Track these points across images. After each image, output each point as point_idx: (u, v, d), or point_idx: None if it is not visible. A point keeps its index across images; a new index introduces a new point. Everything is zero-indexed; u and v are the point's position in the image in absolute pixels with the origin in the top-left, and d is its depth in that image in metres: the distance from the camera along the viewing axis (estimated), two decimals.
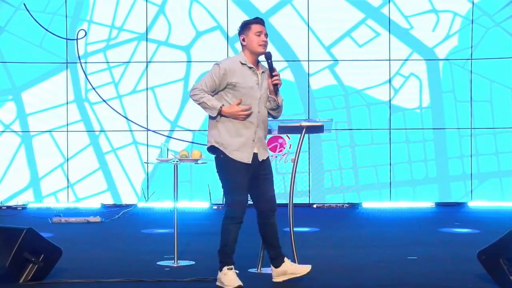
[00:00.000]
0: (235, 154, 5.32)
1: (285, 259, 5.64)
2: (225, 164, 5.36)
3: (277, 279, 5.64)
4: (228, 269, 5.39)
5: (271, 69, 5.44)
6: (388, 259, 6.50)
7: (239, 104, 5.30)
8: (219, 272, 5.45)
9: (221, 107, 5.29)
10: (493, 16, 10.32)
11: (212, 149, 5.42)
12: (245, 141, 5.35)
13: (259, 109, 5.40)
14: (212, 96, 5.35)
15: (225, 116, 5.33)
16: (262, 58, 5.53)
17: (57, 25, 10.41)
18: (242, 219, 5.38)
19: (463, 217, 9.38)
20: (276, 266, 5.63)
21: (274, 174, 10.49)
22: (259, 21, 5.45)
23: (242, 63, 5.39)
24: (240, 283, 5.37)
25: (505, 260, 5.26)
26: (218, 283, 5.47)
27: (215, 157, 5.44)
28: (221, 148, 5.35)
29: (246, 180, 5.35)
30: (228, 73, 5.32)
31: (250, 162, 5.36)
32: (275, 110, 5.52)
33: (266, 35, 5.44)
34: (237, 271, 5.46)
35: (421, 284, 5.64)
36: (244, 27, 5.43)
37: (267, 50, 5.47)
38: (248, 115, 5.32)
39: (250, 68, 5.41)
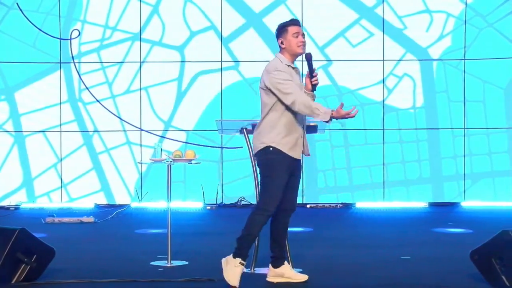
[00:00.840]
0: (291, 152, 5.39)
1: (286, 262, 5.66)
2: (274, 164, 5.37)
3: (272, 279, 5.65)
4: (240, 263, 5.39)
5: (312, 70, 5.51)
6: (381, 259, 6.50)
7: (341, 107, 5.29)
8: (231, 256, 5.42)
9: (332, 111, 5.26)
10: (486, 17, 10.34)
11: (265, 150, 5.41)
12: (297, 137, 5.44)
13: None
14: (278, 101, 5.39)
15: (288, 114, 5.36)
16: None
17: (51, 25, 10.39)
18: (272, 213, 5.42)
19: (457, 217, 9.39)
20: (275, 266, 5.64)
21: None
22: (295, 22, 5.50)
23: (287, 65, 5.45)
24: (237, 284, 5.37)
25: (497, 259, 5.29)
26: (223, 262, 5.46)
27: (263, 157, 5.41)
28: (279, 147, 5.37)
29: (285, 180, 5.41)
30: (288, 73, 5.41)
31: (300, 158, 5.47)
32: None
33: (303, 35, 5.49)
34: (245, 270, 5.46)
35: (414, 284, 5.65)
36: (281, 30, 5.48)
37: (308, 51, 5.51)
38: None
39: (294, 68, 5.50)
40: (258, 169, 5.56)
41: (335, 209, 10.22)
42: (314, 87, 5.54)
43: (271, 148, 5.38)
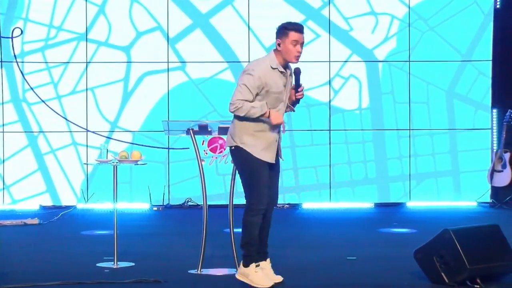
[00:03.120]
0: (261, 154, 5.34)
1: (268, 260, 5.56)
2: (250, 163, 5.33)
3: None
4: (256, 266, 5.39)
5: (298, 84, 5.44)
6: (328, 259, 6.55)
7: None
8: (242, 266, 5.41)
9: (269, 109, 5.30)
10: (427, 21, 10.50)
11: (236, 149, 5.39)
12: (271, 142, 5.39)
13: (284, 111, 5.47)
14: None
15: (255, 118, 5.31)
16: None
17: None
18: (264, 210, 5.38)
19: (402, 217, 9.51)
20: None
21: (214, 175, 10.54)
22: (298, 28, 5.34)
23: (272, 68, 5.37)
24: (276, 280, 5.38)
25: (438, 257, 5.47)
26: (241, 278, 5.41)
27: (237, 156, 5.40)
28: (247, 149, 5.33)
29: (267, 175, 5.36)
30: (263, 81, 5.30)
31: (274, 162, 5.41)
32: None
33: (302, 44, 5.36)
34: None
35: (359, 283, 5.72)
36: (282, 31, 5.35)
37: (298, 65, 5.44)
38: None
39: (281, 72, 5.40)
40: (235, 166, 5.55)
41: (282, 209, 10.25)
42: (298, 100, 5.50)
43: (239, 147, 5.35)
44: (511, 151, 10.20)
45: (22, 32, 10.25)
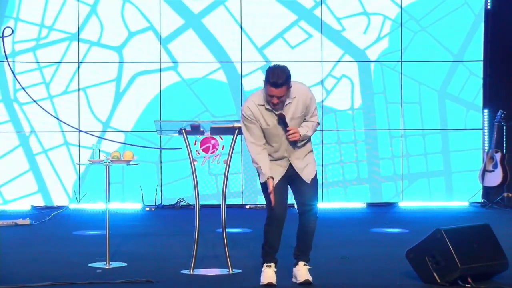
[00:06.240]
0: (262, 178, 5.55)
1: (299, 263, 5.71)
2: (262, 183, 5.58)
3: (293, 279, 5.72)
4: (266, 266, 5.61)
5: (285, 129, 5.48)
6: (320, 259, 6.54)
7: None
8: None
9: (268, 178, 5.48)
10: (419, 21, 10.52)
11: None
12: (273, 163, 5.55)
13: (287, 143, 5.53)
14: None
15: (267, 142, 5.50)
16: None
17: None
18: (278, 221, 5.63)
19: (394, 217, 9.53)
20: (294, 266, 5.75)
21: (206, 176, 10.53)
22: (275, 84, 5.29)
23: (259, 104, 5.42)
24: (270, 280, 5.54)
25: (430, 257, 5.50)
26: None
27: None
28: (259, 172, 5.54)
29: (277, 189, 5.56)
30: (252, 118, 5.42)
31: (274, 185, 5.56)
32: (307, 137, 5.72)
33: (279, 97, 5.35)
34: (275, 270, 5.62)
35: (351, 283, 5.73)
36: (265, 78, 5.36)
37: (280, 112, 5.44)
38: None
39: (268, 109, 5.43)
40: None
41: None
42: (295, 141, 5.56)
43: None
44: (502, 151, 10.24)
45: (13, 31, 10.20)
